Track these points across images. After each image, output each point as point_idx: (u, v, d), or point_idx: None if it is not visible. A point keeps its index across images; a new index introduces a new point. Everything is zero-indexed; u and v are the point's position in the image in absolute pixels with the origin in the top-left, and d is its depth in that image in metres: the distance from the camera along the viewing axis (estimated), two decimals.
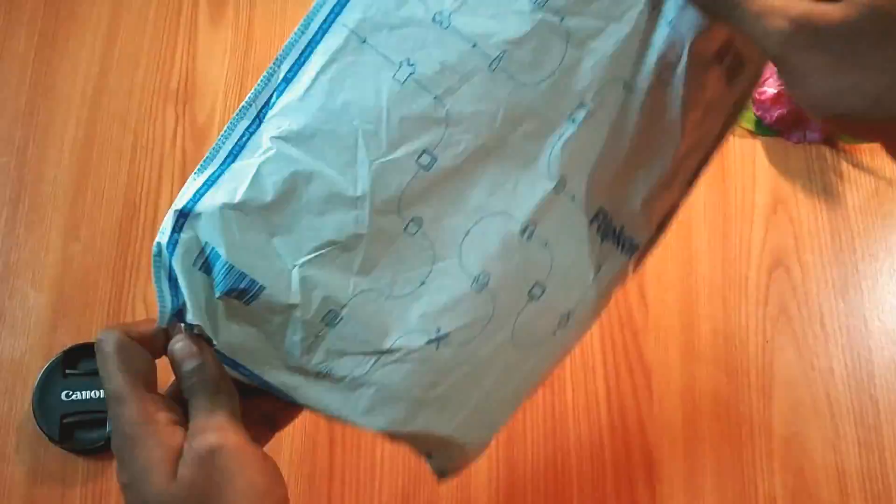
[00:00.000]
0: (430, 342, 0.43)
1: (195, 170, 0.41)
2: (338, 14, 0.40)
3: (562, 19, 0.41)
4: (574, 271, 0.45)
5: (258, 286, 0.41)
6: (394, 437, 0.44)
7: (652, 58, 0.43)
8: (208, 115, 0.64)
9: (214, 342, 0.41)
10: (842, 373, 0.57)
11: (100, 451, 0.56)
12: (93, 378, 0.56)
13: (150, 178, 0.62)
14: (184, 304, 0.41)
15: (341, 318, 0.42)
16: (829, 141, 0.62)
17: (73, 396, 0.56)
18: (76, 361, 0.57)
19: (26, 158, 0.63)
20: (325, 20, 0.40)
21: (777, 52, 0.36)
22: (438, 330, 0.43)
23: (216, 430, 0.39)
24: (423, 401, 0.44)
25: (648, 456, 0.56)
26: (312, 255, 0.41)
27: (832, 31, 0.34)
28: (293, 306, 0.41)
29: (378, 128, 0.41)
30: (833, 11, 0.34)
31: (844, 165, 0.62)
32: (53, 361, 0.57)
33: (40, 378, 0.56)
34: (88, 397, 0.56)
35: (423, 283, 0.44)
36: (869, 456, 0.56)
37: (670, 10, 0.42)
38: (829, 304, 0.59)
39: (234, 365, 0.42)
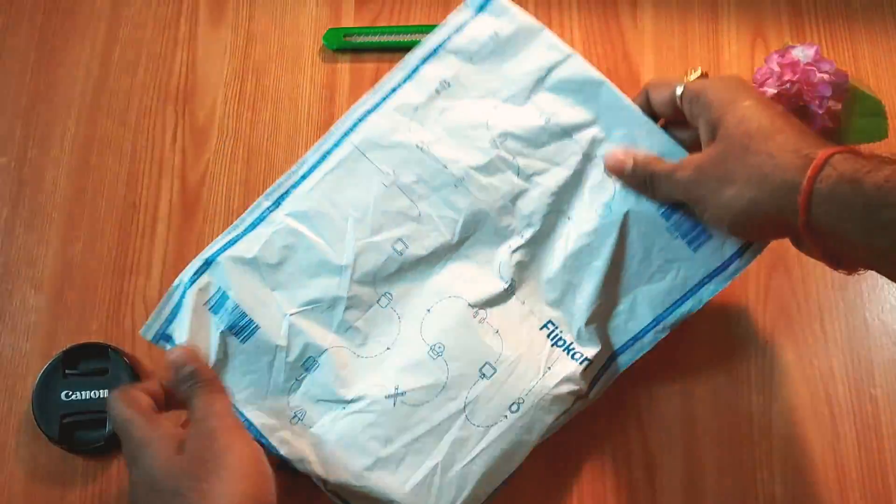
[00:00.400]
0: (388, 397, 0.51)
1: (224, 231, 0.54)
2: (347, 135, 0.54)
3: (514, 157, 0.54)
4: (524, 361, 0.52)
5: (255, 325, 0.52)
6: (349, 495, 0.51)
7: (586, 194, 0.54)
8: (208, 115, 0.64)
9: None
10: (842, 373, 0.57)
11: (100, 451, 0.56)
12: (93, 378, 0.56)
13: (150, 178, 0.62)
14: (172, 332, 0.52)
15: (318, 365, 0.52)
16: (829, 141, 0.62)
17: (73, 396, 0.56)
18: (76, 361, 0.57)
19: (26, 158, 0.63)
20: (339, 139, 0.54)
21: (683, 193, 0.49)
22: (397, 387, 0.51)
23: (216, 415, 0.46)
24: (378, 456, 0.51)
25: (648, 456, 0.56)
26: (301, 308, 0.53)
27: (711, 162, 0.46)
28: (280, 347, 0.52)
29: (365, 216, 0.53)
30: (711, 149, 0.47)
31: None
32: (53, 361, 0.57)
33: (40, 378, 0.56)
34: (88, 397, 0.56)
35: (388, 348, 0.53)
36: (869, 456, 0.56)
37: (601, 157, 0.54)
38: (829, 304, 0.59)
39: None
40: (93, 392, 0.56)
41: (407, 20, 0.66)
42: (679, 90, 0.50)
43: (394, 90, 0.55)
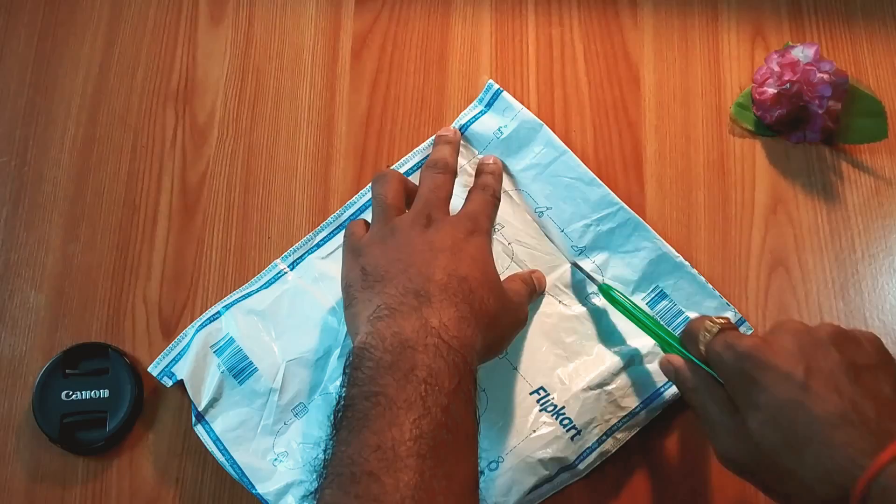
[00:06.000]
0: None
1: (241, 287, 0.59)
2: (363, 210, 0.60)
3: (510, 243, 0.58)
4: (508, 421, 0.54)
5: (254, 367, 0.56)
6: None
7: (575, 283, 0.58)
8: (208, 115, 0.64)
9: (199, 408, 0.54)
10: None
11: (100, 451, 0.56)
12: (93, 378, 0.56)
13: (150, 178, 0.62)
14: (176, 370, 0.55)
15: (307, 412, 0.54)
16: (829, 141, 0.62)
17: (73, 396, 0.56)
18: (76, 361, 0.57)
19: (26, 158, 0.63)
20: (354, 213, 0.60)
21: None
22: None
23: None
24: None
25: (648, 456, 0.56)
26: (298, 356, 0.56)
27: (739, 455, 0.46)
28: (274, 390, 0.55)
29: None
30: (735, 444, 0.46)
31: (844, 165, 0.62)
32: (53, 361, 0.57)
33: (40, 378, 0.56)
34: (88, 397, 0.56)
35: None
36: None
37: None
38: (829, 304, 0.59)
39: (216, 440, 0.54)
40: (93, 392, 0.56)
41: (407, 20, 0.66)
42: (703, 348, 0.48)
43: (408, 173, 0.60)
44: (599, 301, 0.57)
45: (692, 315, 0.57)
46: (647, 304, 0.57)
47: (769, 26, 0.66)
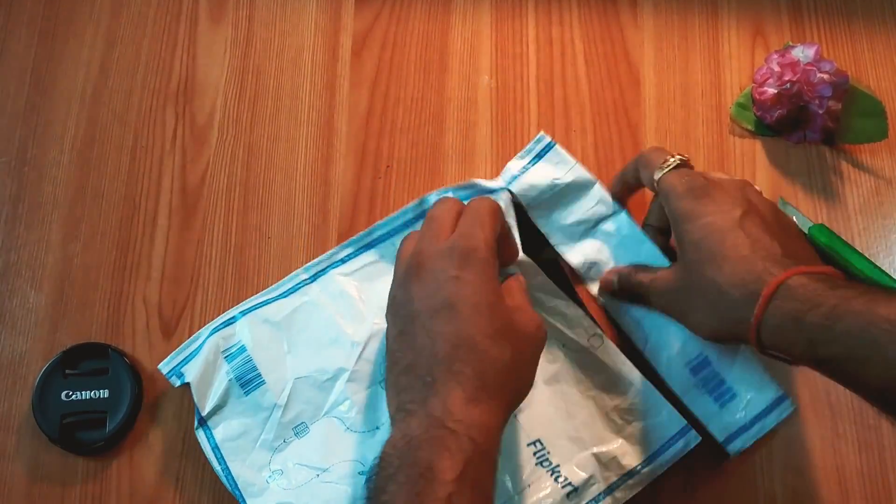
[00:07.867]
0: (361, 474, 0.51)
1: (260, 293, 0.58)
2: (392, 236, 0.58)
3: (547, 301, 0.56)
4: (503, 470, 0.52)
5: (261, 380, 0.55)
6: None
7: (611, 352, 0.56)
8: (208, 115, 0.64)
9: (203, 413, 0.54)
10: None
11: (100, 451, 0.56)
12: (93, 378, 0.56)
13: (150, 178, 0.62)
14: (185, 371, 0.55)
15: (308, 433, 0.54)
16: (829, 141, 0.62)
17: (73, 396, 0.56)
18: (76, 361, 0.57)
19: (26, 158, 0.63)
20: (385, 234, 0.58)
21: (663, 308, 0.54)
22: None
23: None
24: None
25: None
26: (308, 374, 0.55)
27: (676, 285, 0.51)
28: (278, 406, 0.54)
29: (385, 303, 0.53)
30: (676, 269, 0.52)
31: (844, 165, 0.62)
32: (53, 361, 0.57)
33: (40, 378, 0.56)
34: (88, 397, 0.56)
35: (377, 428, 0.54)
36: (869, 456, 0.56)
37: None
38: None
39: (215, 447, 0.54)
40: (93, 392, 0.56)
41: (407, 20, 0.66)
42: (657, 175, 0.52)
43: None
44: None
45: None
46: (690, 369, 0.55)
47: (769, 26, 0.66)
